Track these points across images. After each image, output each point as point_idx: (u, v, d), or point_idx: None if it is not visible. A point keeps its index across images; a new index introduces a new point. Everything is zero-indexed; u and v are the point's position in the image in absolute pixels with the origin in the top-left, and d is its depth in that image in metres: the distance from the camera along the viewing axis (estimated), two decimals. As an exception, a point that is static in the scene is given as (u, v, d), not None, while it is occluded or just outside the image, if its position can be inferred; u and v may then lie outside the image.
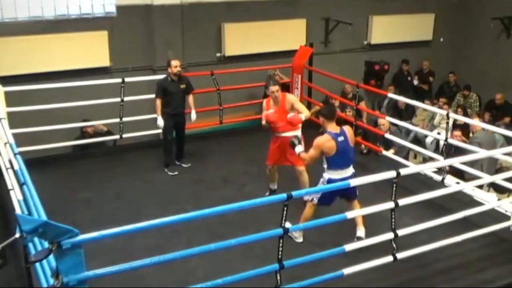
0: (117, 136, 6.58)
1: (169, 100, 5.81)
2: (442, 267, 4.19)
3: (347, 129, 4.35)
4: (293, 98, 5.16)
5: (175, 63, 5.81)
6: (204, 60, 8.15)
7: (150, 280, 3.91)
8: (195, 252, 3.35)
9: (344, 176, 4.22)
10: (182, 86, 5.86)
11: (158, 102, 5.81)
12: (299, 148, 4.49)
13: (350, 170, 4.32)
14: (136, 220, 3.33)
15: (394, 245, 3.89)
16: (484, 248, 4.42)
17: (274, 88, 4.93)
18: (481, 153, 5.23)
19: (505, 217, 4.69)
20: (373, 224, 4.29)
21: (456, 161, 5.20)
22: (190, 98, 6.04)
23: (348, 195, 4.34)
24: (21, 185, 3.70)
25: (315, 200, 4.32)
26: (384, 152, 6.40)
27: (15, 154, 4.19)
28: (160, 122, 5.82)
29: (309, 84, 7.76)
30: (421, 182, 5.33)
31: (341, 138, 4.24)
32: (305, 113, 4.97)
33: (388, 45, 9.72)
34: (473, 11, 9.98)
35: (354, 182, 3.94)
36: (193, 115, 6.03)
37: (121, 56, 7.54)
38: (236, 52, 8.33)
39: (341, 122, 7.38)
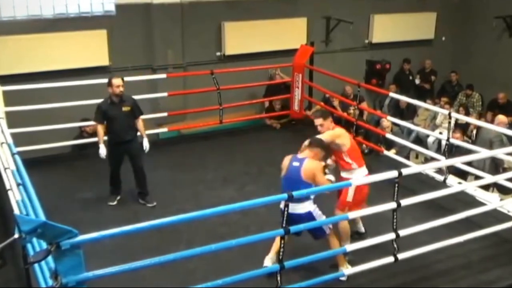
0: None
1: (110, 126, 5.02)
2: (444, 268, 4.18)
3: (308, 162, 3.84)
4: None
5: (116, 81, 4.93)
6: (204, 59, 8.12)
7: (150, 281, 3.88)
8: (195, 252, 3.33)
9: (292, 210, 3.61)
10: (125, 108, 5.01)
11: (99, 127, 5.05)
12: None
13: (301, 207, 3.76)
14: (136, 221, 3.31)
15: (396, 246, 3.86)
16: (486, 249, 4.40)
17: (317, 121, 4.19)
18: (483, 153, 5.20)
19: (508, 218, 4.67)
20: (374, 224, 4.26)
21: (458, 161, 5.17)
22: (139, 123, 5.15)
23: (311, 232, 3.87)
24: (19, 185, 3.68)
25: (328, 230, 3.86)
26: (386, 152, 6.37)
27: (13, 154, 4.17)
28: (102, 151, 5.00)
29: (310, 83, 7.73)
30: (423, 182, 5.31)
31: (296, 163, 3.88)
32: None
33: (390, 44, 9.69)
34: (475, 9, 9.96)
35: (355, 182, 3.91)
36: (145, 144, 5.15)
37: (121, 55, 7.51)
38: (236, 51, 8.30)
39: (341, 122, 7.43)
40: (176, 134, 7.27)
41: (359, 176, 4.14)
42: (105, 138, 5.12)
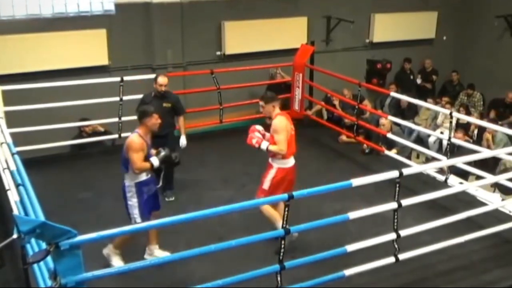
0: (116, 136, 6.52)
1: None
2: (445, 268, 4.17)
3: (128, 138, 4.01)
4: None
5: (161, 80, 5.24)
6: (204, 58, 8.09)
7: (150, 282, 3.86)
8: (195, 253, 3.31)
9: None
10: (166, 104, 5.29)
11: None
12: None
13: (125, 177, 4.01)
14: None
15: (396, 246, 3.85)
16: (487, 249, 4.39)
17: (260, 103, 4.43)
18: (485, 153, 5.18)
19: (509, 218, 4.66)
20: (375, 224, 4.24)
21: (459, 161, 5.15)
22: (180, 121, 5.43)
23: (156, 201, 4.15)
24: (18, 185, 3.66)
25: (139, 219, 4.00)
26: (386, 152, 6.35)
27: (12, 154, 4.16)
28: None
29: (310, 83, 7.72)
30: (424, 182, 5.29)
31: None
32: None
33: (390, 43, 9.66)
34: (477, 8, 9.92)
35: (356, 182, 3.89)
36: (182, 141, 5.41)
37: (120, 55, 7.49)
38: (236, 51, 8.28)
39: (341, 122, 7.42)
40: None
41: (282, 165, 4.32)
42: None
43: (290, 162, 4.38)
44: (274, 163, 4.34)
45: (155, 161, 3.96)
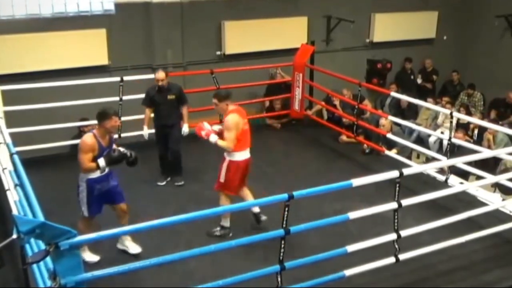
0: (116, 136, 6.50)
1: (156, 110, 5.67)
2: (445, 268, 4.16)
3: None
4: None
5: (157, 75, 5.52)
6: (204, 58, 8.08)
7: (149, 282, 3.86)
8: (195, 253, 3.31)
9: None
10: (170, 97, 5.58)
11: (146, 111, 5.69)
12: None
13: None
14: (135, 221, 3.28)
15: (397, 246, 3.84)
16: (488, 249, 4.38)
17: (213, 100, 4.61)
18: (485, 153, 5.17)
19: (510, 218, 4.65)
20: (375, 224, 4.23)
21: (460, 161, 5.14)
22: (184, 110, 5.71)
23: (113, 197, 4.22)
24: (17, 185, 3.65)
25: (86, 213, 4.13)
26: (387, 152, 6.34)
27: (12, 154, 4.15)
28: (144, 132, 5.70)
29: (311, 82, 7.71)
30: (424, 182, 5.28)
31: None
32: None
33: (391, 43, 9.65)
34: (477, 8, 9.91)
35: (356, 182, 3.87)
36: (185, 129, 5.69)
37: (120, 55, 7.47)
38: (236, 50, 8.26)
39: (341, 121, 7.40)
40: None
41: (234, 157, 4.47)
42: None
43: (244, 155, 4.53)
44: (227, 156, 4.51)
45: (102, 162, 4.02)
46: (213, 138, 4.44)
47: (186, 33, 7.90)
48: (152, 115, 5.75)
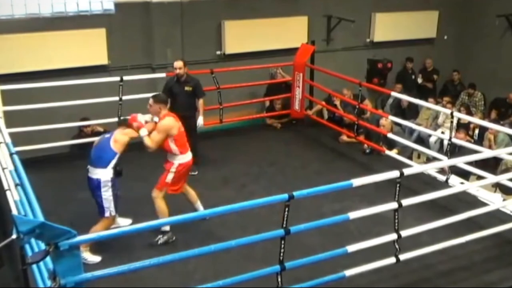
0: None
1: (173, 101, 5.67)
2: (446, 268, 4.15)
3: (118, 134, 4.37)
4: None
5: (176, 64, 5.79)
6: (204, 58, 8.07)
7: (149, 282, 3.85)
8: (194, 253, 3.30)
9: (89, 173, 4.33)
10: (187, 88, 5.82)
11: None
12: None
13: (94, 172, 4.30)
14: (135, 221, 3.28)
15: (397, 246, 3.83)
16: (488, 250, 4.37)
17: (150, 101, 4.59)
18: (486, 153, 5.17)
19: (510, 218, 4.65)
20: (375, 225, 4.22)
21: (460, 161, 5.13)
22: (200, 103, 5.95)
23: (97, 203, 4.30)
24: (17, 185, 3.65)
25: (114, 211, 4.30)
26: (387, 152, 6.33)
27: (11, 154, 4.14)
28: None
29: (311, 82, 7.70)
30: (425, 182, 5.27)
31: (107, 135, 4.40)
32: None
33: (391, 42, 9.64)
34: (478, 8, 9.91)
35: (357, 182, 3.87)
36: (199, 121, 5.90)
37: (120, 54, 7.47)
38: (236, 50, 8.26)
39: (342, 122, 7.39)
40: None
41: (181, 160, 4.56)
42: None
43: (189, 156, 4.63)
44: (174, 160, 4.56)
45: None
46: (143, 132, 4.46)
47: (186, 33, 7.89)
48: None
